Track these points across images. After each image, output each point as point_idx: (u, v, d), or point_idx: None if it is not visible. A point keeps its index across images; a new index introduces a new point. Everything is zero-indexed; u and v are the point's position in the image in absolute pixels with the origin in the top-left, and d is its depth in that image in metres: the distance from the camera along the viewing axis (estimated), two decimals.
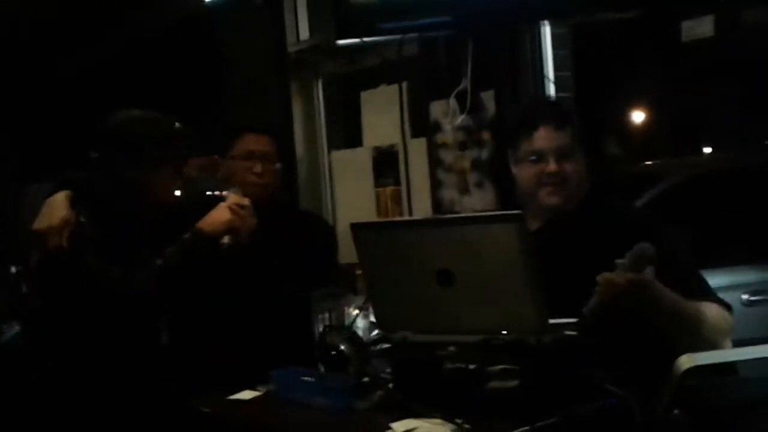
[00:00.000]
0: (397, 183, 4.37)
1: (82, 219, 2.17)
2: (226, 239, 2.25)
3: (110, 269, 2.11)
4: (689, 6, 3.21)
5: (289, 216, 2.65)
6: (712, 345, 1.88)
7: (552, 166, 2.09)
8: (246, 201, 2.31)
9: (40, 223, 2.16)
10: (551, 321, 1.70)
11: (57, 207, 2.16)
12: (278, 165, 2.53)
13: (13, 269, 6.32)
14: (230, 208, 2.26)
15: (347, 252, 2.50)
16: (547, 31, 3.65)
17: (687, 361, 1.69)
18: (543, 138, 2.11)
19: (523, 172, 2.13)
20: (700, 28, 3.14)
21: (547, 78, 3.63)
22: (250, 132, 2.52)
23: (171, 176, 2.26)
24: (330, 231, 2.61)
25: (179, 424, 2.07)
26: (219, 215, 2.25)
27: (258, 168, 2.45)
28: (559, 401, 1.65)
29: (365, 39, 3.58)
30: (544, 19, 3.55)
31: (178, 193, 2.37)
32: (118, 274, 2.11)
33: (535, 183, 2.11)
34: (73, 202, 2.17)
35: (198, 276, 2.19)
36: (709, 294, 2.00)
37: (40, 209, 2.20)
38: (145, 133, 2.24)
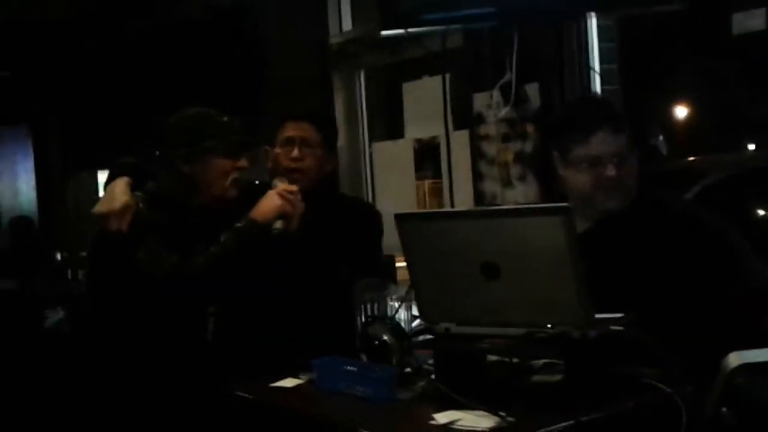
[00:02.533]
0: (436, 175, 4.35)
1: (141, 205, 2.24)
2: (278, 224, 2.29)
3: (168, 255, 2.16)
4: None
5: (338, 202, 2.67)
6: None
7: (611, 172, 2.05)
8: (294, 187, 2.35)
9: (102, 206, 2.24)
10: (597, 316, 1.69)
11: (118, 192, 2.25)
12: (319, 151, 2.52)
13: (59, 256, 6.44)
14: (279, 195, 2.30)
15: (388, 242, 2.51)
16: (593, 23, 3.61)
17: (735, 359, 1.67)
18: (601, 143, 2.06)
19: (579, 177, 2.09)
20: (752, 21, 3.08)
21: (593, 70, 3.58)
22: (291, 119, 2.54)
23: (226, 170, 2.31)
24: (377, 217, 2.62)
25: (221, 410, 2.09)
26: (269, 202, 2.29)
27: (295, 153, 2.47)
28: (604, 397, 1.64)
29: (409, 30, 3.56)
30: (590, 10, 3.50)
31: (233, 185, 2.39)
32: (175, 260, 2.16)
33: (592, 187, 2.08)
34: (133, 189, 2.26)
35: (251, 262, 2.22)
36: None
37: (103, 195, 2.32)
38: (198, 128, 2.30)
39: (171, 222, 2.23)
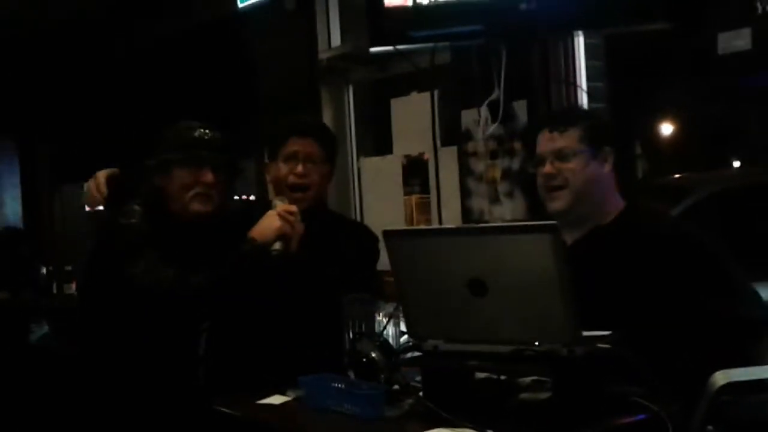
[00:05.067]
0: (424, 191, 4.36)
1: (136, 207, 2.24)
2: (277, 245, 2.27)
3: (165, 268, 2.15)
4: (725, 18, 3.18)
5: (336, 224, 2.65)
6: None
7: (548, 168, 2.09)
8: (294, 208, 2.33)
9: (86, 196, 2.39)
10: (584, 333, 1.69)
11: (98, 177, 2.41)
12: (323, 166, 2.51)
13: (44, 270, 6.40)
14: (280, 215, 2.28)
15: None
16: (580, 41, 3.63)
17: (722, 377, 1.68)
18: (541, 142, 2.13)
19: (537, 181, 2.15)
20: (738, 40, 3.11)
21: (580, 88, 3.60)
22: (295, 135, 2.53)
23: (188, 183, 2.29)
24: (373, 242, 2.58)
25: (209, 426, 2.08)
26: (269, 223, 2.27)
27: (299, 168, 2.46)
28: (591, 415, 1.64)
29: (398, 47, 3.57)
30: (577, 29, 3.53)
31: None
32: (173, 275, 2.14)
33: (541, 189, 2.13)
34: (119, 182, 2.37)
35: (249, 283, 2.21)
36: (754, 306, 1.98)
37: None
38: (165, 139, 2.31)
39: (167, 236, 2.22)
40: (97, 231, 2.27)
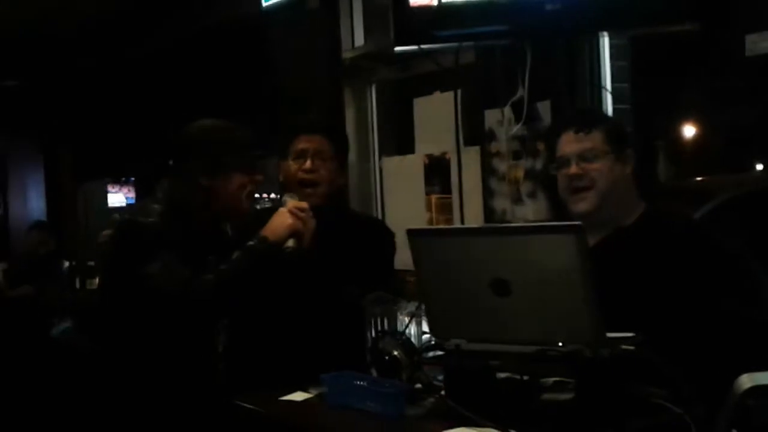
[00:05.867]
0: (446, 191, 4.35)
1: (156, 206, 2.24)
2: (290, 243, 2.27)
3: (182, 270, 2.15)
4: (753, 19, 3.15)
5: (350, 219, 2.66)
6: None
7: (573, 170, 2.08)
8: (305, 204, 2.33)
9: None
10: (608, 335, 1.68)
11: None
12: (332, 163, 2.52)
13: (66, 265, 6.45)
14: (291, 212, 2.28)
15: (399, 258, 2.51)
16: (605, 41, 3.61)
17: (747, 380, 1.65)
18: (565, 143, 2.11)
19: (558, 181, 2.13)
20: (765, 42, 3.08)
21: (605, 89, 3.58)
22: (304, 132, 2.54)
23: (244, 184, 2.30)
24: (390, 237, 2.60)
25: (231, 423, 2.08)
26: (281, 221, 2.27)
27: (308, 164, 2.47)
28: (614, 416, 1.63)
29: (422, 46, 3.57)
30: (603, 30, 3.51)
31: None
32: (188, 275, 2.14)
33: (565, 190, 2.11)
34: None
35: (262, 281, 2.21)
36: None
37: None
38: (219, 141, 2.29)
39: (185, 234, 2.23)
40: (116, 228, 2.27)
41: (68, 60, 7.51)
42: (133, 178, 7.86)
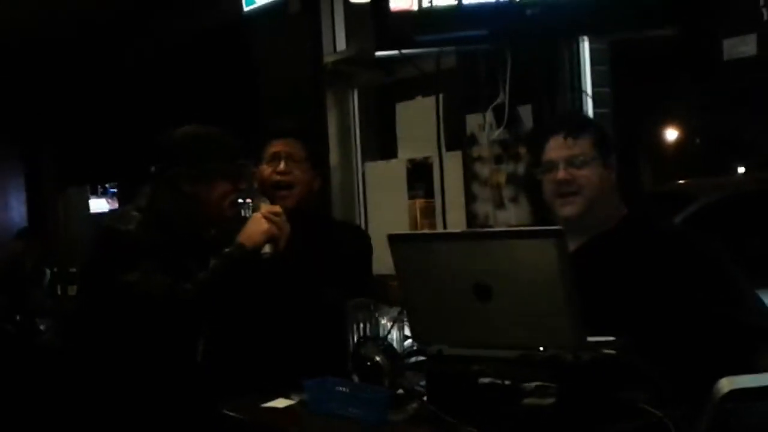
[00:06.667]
0: (429, 196, 4.36)
1: (135, 213, 2.21)
2: (267, 249, 2.26)
3: (162, 277, 2.13)
4: (731, 24, 3.18)
5: (325, 223, 2.66)
6: None
7: (561, 174, 2.08)
8: (278, 208, 2.32)
9: None
10: (589, 339, 1.69)
11: None
12: (305, 165, 2.52)
13: (48, 271, 6.41)
14: (266, 217, 2.27)
15: (380, 263, 2.51)
16: (586, 46, 3.63)
17: (727, 384, 1.66)
18: (553, 148, 2.11)
19: (544, 185, 2.14)
20: (743, 46, 3.11)
21: (585, 93, 3.60)
22: (275, 137, 2.55)
23: (228, 192, 2.29)
24: (366, 239, 2.61)
25: (210, 430, 2.08)
26: (256, 227, 2.25)
27: (281, 166, 2.48)
28: (595, 420, 1.64)
29: (403, 51, 3.58)
30: (583, 34, 3.53)
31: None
32: (168, 284, 2.13)
33: (551, 194, 2.12)
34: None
35: (240, 287, 2.20)
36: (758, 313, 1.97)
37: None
38: (203, 148, 2.28)
39: (165, 241, 2.21)
40: (95, 235, 2.25)
41: (49, 66, 7.47)
42: (113, 190, 7.83)
